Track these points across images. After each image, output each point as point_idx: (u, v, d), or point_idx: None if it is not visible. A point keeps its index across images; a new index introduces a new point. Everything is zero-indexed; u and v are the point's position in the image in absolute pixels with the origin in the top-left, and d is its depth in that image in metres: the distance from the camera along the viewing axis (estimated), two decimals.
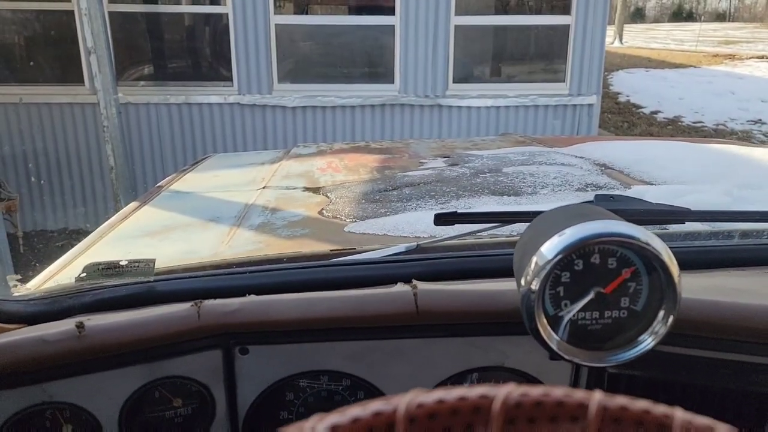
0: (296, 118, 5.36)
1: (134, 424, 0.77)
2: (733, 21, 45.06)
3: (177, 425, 0.78)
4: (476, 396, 0.30)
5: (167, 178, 2.06)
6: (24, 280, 1.14)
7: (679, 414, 0.30)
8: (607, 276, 0.65)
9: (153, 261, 0.93)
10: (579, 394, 0.30)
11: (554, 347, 0.65)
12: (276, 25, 5.15)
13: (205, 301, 0.78)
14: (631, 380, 0.76)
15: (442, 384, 0.80)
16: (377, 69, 5.49)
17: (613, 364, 0.66)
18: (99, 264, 0.92)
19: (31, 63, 5.26)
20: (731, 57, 16.20)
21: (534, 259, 0.64)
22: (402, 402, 0.30)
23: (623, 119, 10.16)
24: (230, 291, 0.83)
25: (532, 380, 0.79)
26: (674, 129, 9.48)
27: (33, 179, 5.33)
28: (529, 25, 5.63)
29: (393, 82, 5.36)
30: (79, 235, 5.13)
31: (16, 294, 0.98)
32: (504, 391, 0.30)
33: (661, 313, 0.65)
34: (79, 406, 0.75)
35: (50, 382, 0.74)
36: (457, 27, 5.25)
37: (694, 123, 9.70)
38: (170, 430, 0.78)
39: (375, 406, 0.30)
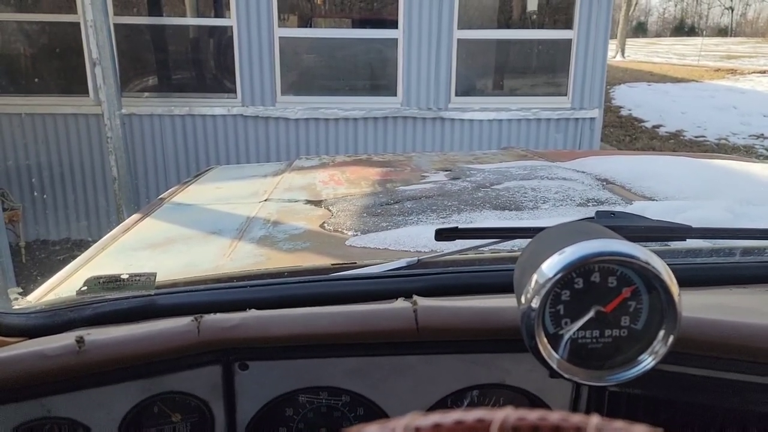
0: (299, 130, 5.38)
1: None
2: (734, 36, 45.21)
3: None
4: (473, 420, 0.30)
5: (169, 190, 2.07)
6: (26, 291, 1.14)
7: None
8: (608, 295, 0.65)
9: (154, 275, 0.93)
10: (576, 419, 0.30)
11: (554, 366, 0.65)
12: (280, 37, 5.18)
13: (205, 316, 0.78)
14: (631, 399, 0.75)
15: (443, 401, 0.80)
16: (380, 82, 5.52)
17: (613, 384, 0.66)
18: (100, 277, 0.92)
19: (36, 74, 5.30)
20: (733, 72, 16.23)
21: (534, 276, 0.64)
22: (398, 426, 0.30)
23: (625, 133, 10.17)
24: (231, 305, 0.83)
25: (533, 398, 0.79)
26: (676, 143, 9.49)
27: (36, 189, 5.35)
28: (531, 39, 5.66)
29: (396, 95, 5.38)
30: (81, 245, 5.14)
31: (16, 307, 0.98)
32: (501, 415, 0.30)
33: (662, 333, 0.65)
34: (78, 422, 0.75)
35: (49, 396, 0.74)
36: (459, 41, 5.28)
37: (696, 137, 9.71)
38: None
39: (371, 430, 0.30)
